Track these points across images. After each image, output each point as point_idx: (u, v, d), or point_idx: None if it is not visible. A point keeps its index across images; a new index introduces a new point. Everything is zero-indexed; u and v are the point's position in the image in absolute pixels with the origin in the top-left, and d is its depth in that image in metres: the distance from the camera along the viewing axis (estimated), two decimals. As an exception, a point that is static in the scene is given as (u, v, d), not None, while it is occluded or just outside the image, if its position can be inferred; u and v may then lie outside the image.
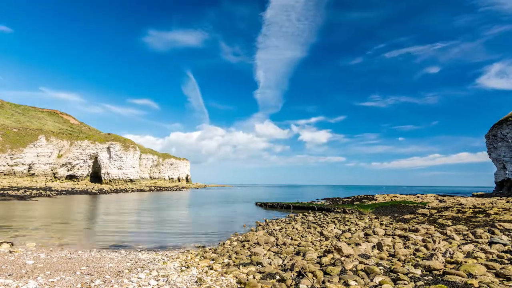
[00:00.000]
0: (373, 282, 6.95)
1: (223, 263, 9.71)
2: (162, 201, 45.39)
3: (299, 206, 35.27)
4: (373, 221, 20.99)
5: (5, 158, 64.83)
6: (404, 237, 13.29)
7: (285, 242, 12.97)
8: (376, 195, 55.48)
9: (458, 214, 22.42)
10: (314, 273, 7.74)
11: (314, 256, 9.73)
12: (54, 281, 7.49)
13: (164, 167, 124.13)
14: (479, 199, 39.53)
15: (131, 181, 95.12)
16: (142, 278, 7.89)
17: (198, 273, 8.50)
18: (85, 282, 7.45)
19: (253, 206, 39.25)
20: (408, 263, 8.84)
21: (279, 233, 15.83)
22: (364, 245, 10.99)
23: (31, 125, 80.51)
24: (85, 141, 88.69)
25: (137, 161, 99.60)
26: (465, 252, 9.71)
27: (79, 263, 9.37)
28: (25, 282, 7.26)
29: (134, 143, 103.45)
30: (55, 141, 79.11)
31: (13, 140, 68.32)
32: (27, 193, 48.24)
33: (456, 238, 12.63)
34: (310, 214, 26.59)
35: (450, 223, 18.16)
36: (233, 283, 7.56)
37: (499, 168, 62.23)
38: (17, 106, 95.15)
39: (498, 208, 26.07)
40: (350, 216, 25.33)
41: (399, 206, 33.59)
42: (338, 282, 7.02)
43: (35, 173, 71.92)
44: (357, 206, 33.75)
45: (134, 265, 9.32)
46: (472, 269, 7.31)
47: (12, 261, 9.44)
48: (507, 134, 58.61)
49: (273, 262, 9.34)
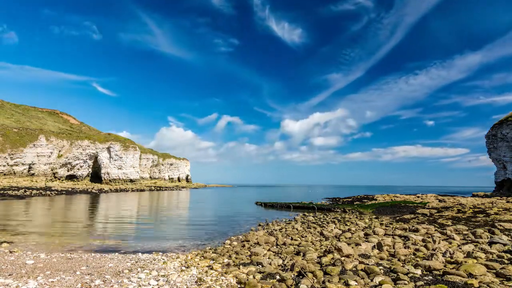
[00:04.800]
0: (373, 282, 6.95)
1: (223, 263, 9.71)
2: (162, 201, 45.38)
3: (299, 206, 35.31)
4: (373, 221, 20.99)
5: (5, 158, 64.81)
6: (404, 237, 13.29)
7: (285, 242, 12.96)
8: (376, 195, 55.49)
9: (458, 214, 22.41)
10: (314, 273, 7.74)
11: (314, 256, 9.72)
12: (54, 281, 7.49)
13: (164, 167, 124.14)
14: (479, 199, 39.52)
15: (131, 181, 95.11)
16: (142, 278, 7.89)
17: (198, 273, 8.49)
18: (85, 282, 7.44)
19: (253, 205, 39.28)
20: (408, 263, 8.84)
21: (279, 233, 15.83)
22: (364, 245, 10.99)
23: (31, 125, 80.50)
24: (85, 141, 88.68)
25: (137, 161, 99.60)
26: (465, 252, 9.71)
27: (79, 263, 9.37)
28: (25, 282, 7.26)
29: (134, 143, 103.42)
30: (55, 141, 79.08)
31: (13, 140, 68.31)
32: (27, 193, 48.23)
33: (456, 238, 12.63)
34: (310, 214, 26.59)
35: (450, 223, 18.15)
36: (233, 283, 7.56)
37: (499, 168, 62.25)
38: (17, 106, 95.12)
39: (498, 208, 26.06)
40: (350, 216, 25.34)
41: (399, 206, 33.60)
42: (338, 282, 7.02)
43: (35, 173, 71.90)
44: (357, 206, 33.77)
45: (134, 265, 9.31)
46: (472, 269, 7.30)
47: (12, 261, 9.44)
48: (507, 134, 58.60)
49: (273, 262, 9.33)
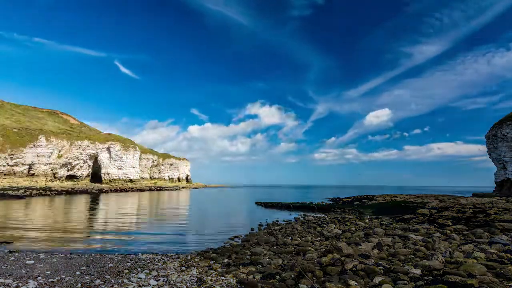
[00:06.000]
0: (373, 282, 6.95)
1: (223, 263, 9.70)
2: (162, 201, 45.37)
3: (299, 206, 35.31)
4: (373, 221, 20.98)
5: (5, 158, 64.80)
6: (404, 237, 13.28)
7: (285, 242, 12.96)
8: (376, 195, 55.49)
9: (458, 214, 22.39)
10: (314, 273, 7.73)
11: (314, 256, 9.72)
12: (54, 281, 7.48)
13: (164, 167, 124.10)
14: (479, 199, 39.48)
15: (131, 181, 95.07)
16: (142, 278, 7.89)
17: (198, 273, 8.49)
18: (85, 282, 7.44)
19: (253, 205, 39.28)
20: (408, 263, 8.83)
21: (279, 233, 15.83)
22: (364, 245, 10.98)
23: (31, 125, 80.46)
24: (85, 141, 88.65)
25: (137, 161, 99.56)
26: (465, 252, 9.71)
27: (79, 263, 9.36)
28: (25, 282, 7.26)
29: (134, 143, 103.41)
30: (55, 141, 79.06)
31: (13, 140, 68.30)
32: (27, 193, 48.22)
33: (456, 238, 12.63)
34: (310, 214, 26.59)
35: (450, 223, 18.14)
36: (233, 283, 7.55)
37: (499, 168, 62.18)
38: (17, 106, 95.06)
39: (498, 208, 26.02)
40: (350, 216, 25.33)
41: (399, 206, 33.55)
42: (338, 282, 7.02)
43: (35, 173, 71.88)
44: (357, 206, 33.75)
45: (134, 265, 9.31)
46: (472, 269, 7.30)
47: (12, 261, 9.44)
48: (507, 134, 58.57)
49: (273, 262, 9.33)
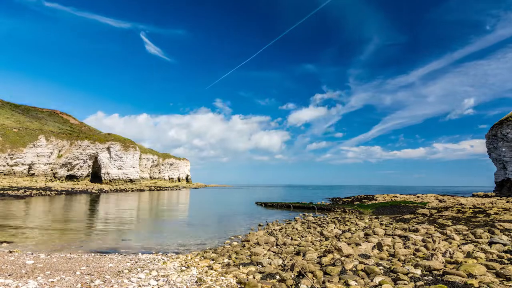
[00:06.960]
0: (373, 282, 6.95)
1: (223, 263, 9.71)
2: (162, 201, 45.37)
3: (299, 206, 35.32)
4: (373, 221, 20.98)
5: (5, 158, 64.80)
6: (404, 237, 13.28)
7: (285, 242, 12.96)
8: (376, 195, 55.48)
9: (458, 214, 22.40)
10: (314, 273, 7.73)
11: (314, 256, 9.72)
12: (54, 281, 7.48)
13: (164, 167, 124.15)
14: (479, 199, 39.49)
15: (131, 181, 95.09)
16: (142, 278, 7.89)
17: (198, 273, 8.49)
18: (85, 282, 7.44)
19: (253, 205, 39.28)
20: (408, 263, 8.83)
21: (279, 233, 15.83)
22: (364, 245, 10.98)
23: (31, 125, 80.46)
24: (85, 141, 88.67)
25: (137, 161, 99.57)
26: (465, 252, 9.71)
27: (79, 263, 9.36)
28: (25, 282, 7.25)
29: (134, 143, 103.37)
30: (55, 141, 79.09)
31: (13, 140, 68.30)
32: (27, 193, 48.23)
33: (456, 238, 12.62)
34: (310, 214, 26.59)
35: (450, 223, 18.14)
36: (233, 283, 7.55)
37: (499, 168, 62.20)
38: (17, 106, 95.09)
39: (498, 208, 26.04)
40: (350, 216, 25.33)
41: (399, 206, 33.58)
42: (338, 282, 7.01)
43: (35, 173, 71.88)
44: (357, 206, 33.76)
45: (134, 265, 9.31)
46: (472, 269, 7.30)
47: (12, 261, 9.43)
48: (507, 134, 58.57)
49: (273, 262, 9.33)
